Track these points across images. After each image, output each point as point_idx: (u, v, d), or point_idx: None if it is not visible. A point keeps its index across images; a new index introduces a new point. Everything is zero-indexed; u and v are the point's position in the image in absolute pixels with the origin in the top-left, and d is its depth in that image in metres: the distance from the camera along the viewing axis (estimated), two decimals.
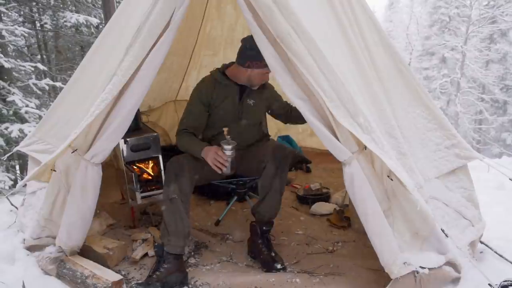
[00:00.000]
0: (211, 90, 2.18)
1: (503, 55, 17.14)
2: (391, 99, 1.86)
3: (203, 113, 2.19)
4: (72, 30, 8.70)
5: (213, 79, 2.21)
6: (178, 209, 1.92)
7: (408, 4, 23.96)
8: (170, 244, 1.90)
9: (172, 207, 1.92)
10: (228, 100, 2.18)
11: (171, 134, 4.08)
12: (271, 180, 2.03)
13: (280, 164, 2.03)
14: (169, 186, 1.94)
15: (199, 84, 2.25)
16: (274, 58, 1.66)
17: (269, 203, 2.08)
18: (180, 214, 1.92)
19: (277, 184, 2.04)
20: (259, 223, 2.13)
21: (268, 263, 2.01)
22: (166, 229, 1.92)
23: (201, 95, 2.18)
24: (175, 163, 2.00)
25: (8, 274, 1.90)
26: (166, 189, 1.95)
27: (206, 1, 3.51)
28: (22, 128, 5.61)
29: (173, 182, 1.93)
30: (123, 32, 1.88)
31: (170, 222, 1.91)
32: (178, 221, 1.91)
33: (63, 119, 2.23)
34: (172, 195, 1.91)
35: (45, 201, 1.96)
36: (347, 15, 1.83)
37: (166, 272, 1.85)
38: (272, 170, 2.02)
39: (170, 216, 1.92)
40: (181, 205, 1.92)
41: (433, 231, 1.66)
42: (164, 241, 1.92)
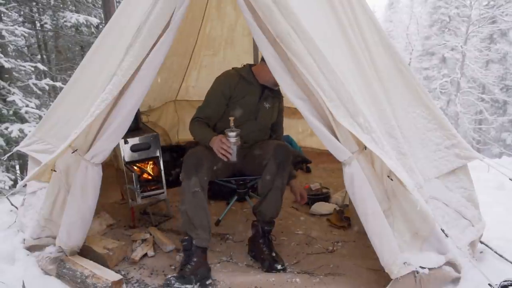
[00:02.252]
0: (235, 83, 2.21)
1: (503, 55, 17.14)
2: (391, 99, 1.86)
3: (222, 105, 2.22)
4: (72, 30, 8.69)
5: (238, 74, 2.25)
6: (202, 202, 1.94)
7: (408, 4, 23.97)
8: (199, 237, 1.93)
9: (196, 201, 1.93)
10: (249, 97, 2.22)
11: (171, 134, 4.09)
12: (273, 178, 2.03)
13: (281, 162, 2.03)
14: (190, 179, 1.93)
15: (223, 75, 2.27)
16: (273, 58, 1.66)
17: (270, 202, 2.07)
18: (204, 207, 1.95)
19: (278, 182, 2.04)
20: (260, 223, 2.13)
21: (268, 263, 2.01)
22: (191, 223, 1.93)
23: (224, 86, 2.21)
24: (193, 156, 2.00)
25: (8, 274, 1.90)
26: (187, 183, 1.94)
27: (206, 1, 3.52)
28: (22, 128, 5.61)
29: (193, 175, 1.93)
30: (123, 32, 1.88)
31: (196, 215, 1.92)
32: (203, 214, 1.94)
33: (63, 119, 2.23)
34: (194, 189, 1.92)
35: (45, 201, 1.96)
36: (347, 15, 1.83)
37: (196, 265, 1.89)
38: (273, 168, 2.03)
39: (195, 210, 1.93)
40: (204, 198, 1.95)
41: (433, 231, 1.66)
42: (192, 235, 1.94)
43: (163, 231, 2.46)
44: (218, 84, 2.24)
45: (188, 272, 1.86)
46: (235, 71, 2.28)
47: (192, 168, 1.95)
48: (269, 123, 2.35)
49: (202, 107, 2.26)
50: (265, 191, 2.07)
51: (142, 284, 1.92)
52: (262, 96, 2.26)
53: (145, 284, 1.91)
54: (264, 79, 2.22)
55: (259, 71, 2.23)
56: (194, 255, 1.92)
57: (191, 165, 1.97)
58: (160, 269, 2.04)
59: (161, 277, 1.97)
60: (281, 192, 2.08)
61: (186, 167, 1.98)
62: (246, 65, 2.32)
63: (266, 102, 2.28)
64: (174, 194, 3.08)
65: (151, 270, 2.04)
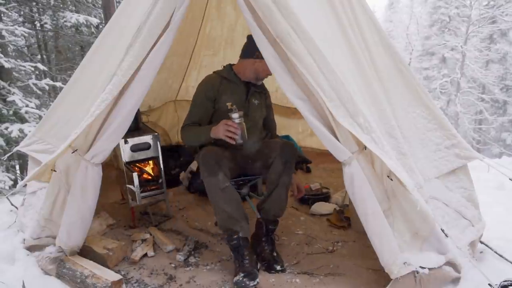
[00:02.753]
0: (217, 85, 2.22)
1: (503, 55, 17.13)
2: (391, 99, 1.86)
3: (209, 108, 2.23)
4: (72, 30, 8.69)
5: (219, 76, 2.26)
6: (234, 195, 1.97)
7: (408, 4, 23.96)
8: (243, 229, 1.95)
9: (229, 195, 1.94)
10: (235, 97, 2.21)
11: (171, 134, 4.09)
12: (279, 175, 2.03)
13: (287, 160, 2.04)
14: (216, 176, 1.91)
15: (204, 79, 2.29)
16: (273, 58, 1.66)
17: (275, 199, 2.07)
18: (237, 199, 1.97)
19: (285, 180, 2.04)
20: (265, 221, 2.13)
21: (268, 263, 2.01)
22: (232, 217, 1.93)
23: (207, 89, 2.22)
24: (211, 153, 1.98)
25: (8, 274, 1.91)
26: (215, 180, 1.92)
27: (206, 1, 3.52)
28: (22, 128, 5.62)
29: (219, 171, 1.92)
30: (123, 32, 1.88)
31: (234, 209, 1.94)
32: (239, 207, 1.97)
33: (63, 119, 2.23)
34: (223, 185, 1.92)
35: (45, 201, 1.96)
36: (347, 15, 1.83)
37: (251, 256, 1.96)
38: (279, 165, 2.03)
39: (232, 204, 1.94)
40: (234, 191, 1.98)
41: (433, 231, 1.66)
42: (236, 228, 1.94)
43: (163, 231, 2.46)
44: (200, 89, 2.24)
45: (249, 267, 1.88)
46: (215, 74, 2.30)
47: (215, 165, 1.93)
48: (260, 118, 2.35)
49: (189, 114, 2.25)
50: (271, 188, 2.08)
51: (142, 284, 1.92)
52: (248, 93, 2.26)
53: (145, 284, 1.91)
54: (245, 75, 2.24)
55: (239, 68, 2.26)
56: (245, 249, 1.94)
57: (213, 162, 1.94)
58: (160, 269, 2.04)
59: (161, 277, 1.97)
60: (286, 190, 2.08)
61: (207, 165, 1.93)
62: (227, 66, 2.33)
63: (254, 99, 2.29)
64: (174, 194, 3.09)
65: (151, 270, 2.04)
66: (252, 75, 2.22)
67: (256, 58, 2.15)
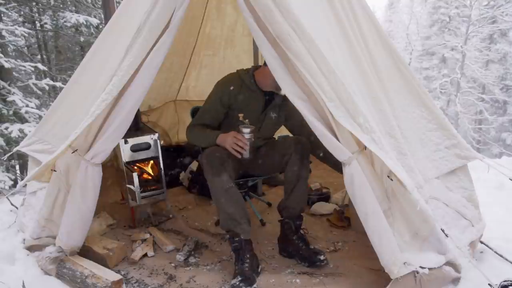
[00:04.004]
0: (236, 92, 2.10)
1: (503, 55, 17.12)
2: (391, 99, 1.86)
3: (220, 113, 2.15)
4: (72, 30, 8.70)
5: (241, 80, 2.13)
6: (238, 196, 1.93)
7: (408, 4, 23.98)
8: (244, 231, 1.93)
9: (233, 196, 1.90)
10: (252, 108, 2.13)
11: (171, 134, 4.09)
12: (298, 170, 2.04)
13: (303, 154, 2.06)
14: (220, 176, 1.88)
15: (223, 81, 2.16)
16: (274, 58, 1.66)
17: (298, 194, 2.08)
18: (241, 201, 1.95)
19: (303, 174, 2.06)
20: (291, 219, 2.11)
21: (310, 258, 2.00)
22: (233, 219, 1.91)
23: (223, 94, 2.11)
24: (216, 154, 1.95)
25: (8, 274, 1.91)
26: (219, 181, 1.88)
27: (206, 1, 3.52)
28: (22, 128, 5.62)
29: (223, 172, 1.90)
30: (123, 32, 1.88)
31: (236, 210, 1.90)
32: (242, 208, 1.93)
33: (63, 119, 2.23)
34: (227, 185, 1.89)
35: (45, 201, 1.96)
36: (347, 15, 1.83)
37: (251, 260, 1.92)
38: (296, 161, 2.04)
39: (234, 205, 1.90)
40: (237, 192, 1.94)
41: (433, 231, 1.65)
42: (237, 230, 1.92)
43: (163, 231, 2.46)
44: (217, 91, 2.14)
45: (248, 272, 1.86)
46: (238, 75, 2.15)
47: (220, 165, 1.90)
48: (272, 134, 2.33)
49: (200, 114, 2.18)
50: (291, 185, 2.07)
51: (142, 284, 1.92)
52: (268, 105, 2.16)
53: (144, 284, 1.91)
54: (266, 84, 2.09)
55: (260, 77, 2.10)
56: (246, 251, 1.93)
57: (217, 162, 1.91)
58: (160, 269, 2.04)
59: (161, 277, 1.97)
60: (306, 184, 2.10)
61: (212, 165, 1.91)
62: (251, 69, 2.18)
63: (272, 112, 2.20)
64: (174, 194, 3.08)
65: (151, 270, 2.04)
66: (273, 83, 1.93)
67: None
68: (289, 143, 2.11)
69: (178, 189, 3.22)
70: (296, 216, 2.13)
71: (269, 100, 2.18)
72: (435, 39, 18.67)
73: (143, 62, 1.73)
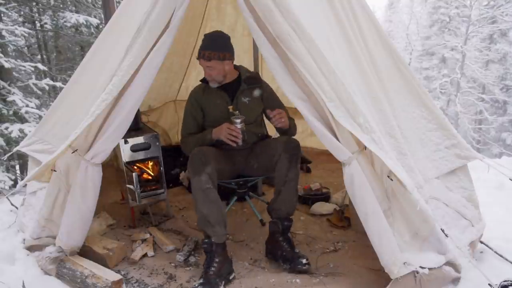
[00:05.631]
0: (200, 94, 2.27)
1: (503, 55, 17.12)
2: (391, 99, 1.86)
3: (199, 117, 2.29)
4: (72, 30, 8.70)
5: (202, 83, 2.29)
6: (215, 198, 1.92)
7: (408, 4, 24.00)
8: (216, 234, 1.91)
9: (209, 198, 1.90)
10: (219, 102, 2.22)
11: (171, 134, 4.09)
12: (286, 172, 2.01)
13: (292, 155, 2.02)
14: (200, 176, 1.91)
15: (191, 92, 2.34)
16: (274, 58, 1.66)
17: (285, 197, 2.05)
18: (217, 203, 1.93)
19: (292, 176, 2.02)
20: (279, 220, 2.09)
21: (293, 260, 1.96)
22: (207, 220, 1.90)
23: (191, 98, 2.30)
24: (199, 153, 1.98)
25: (8, 274, 1.91)
26: (197, 180, 1.91)
27: (206, 1, 3.52)
28: (22, 128, 5.61)
29: (203, 172, 1.91)
30: (123, 32, 1.88)
31: (211, 212, 1.90)
32: (217, 210, 1.92)
33: (63, 119, 2.23)
34: (205, 186, 1.89)
35: (45, 201, 1.96)
36: (347, 15, 1.83)
37: (220, 265, 1.87)
38: (285, 162, 2.01)
39: (209, 207, 1.90)
40: (216, 193, 1.94)
41: (433, 231, 1.66)
42: (209, 232, 1.91)
43: (163, 231, 2.46)
44: (188, 99, 2.32)
45: (213, 275, 1.82)
46: (200, 82, 2.31)
47: (200, 165, 1.92)
48: (252, 117, 2.25)
49: (184, 127, 2.32)
50: (279, 187, 2.06)
51: (142, 284, 1.92)
52: (236, 93, 2.21)
53: (144, 284, 1.91)
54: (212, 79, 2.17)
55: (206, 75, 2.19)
56: (216, 255, 1.90)
57: (198, 162, 1.94)
58: (160, 269, 2.04)
59: (161, 277, 1.97)
60: (295, 187, 2.06)
61: (193, 165, 1.94)
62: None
63: (244, 97, 2.23)
64: (174, 194, 3.08)
65: (151, 270, 2.04)
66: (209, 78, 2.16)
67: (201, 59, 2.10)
68: (278, 143, 2.09)
69: (178, 189, 3.22)
70: (283, 218, 2.09)
71: (234, 89, 2.23)
72: (435, 39, 18.67)
73: (143, 62, 1.74)
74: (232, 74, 2.23)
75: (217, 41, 2.10)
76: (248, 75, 2.26)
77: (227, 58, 2.10)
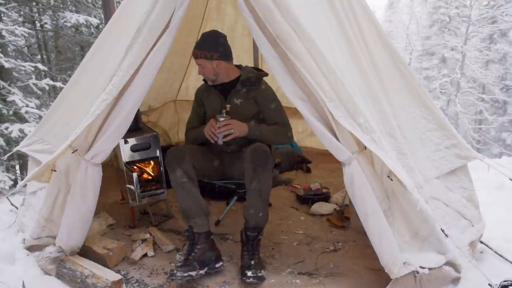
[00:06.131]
0: (203, 91, 2.35)
1: (503, 55, 17.12)
2: (391, 99, 1.86)
3: (201, 113, 2.36)
4: (72, 30, 8.70)
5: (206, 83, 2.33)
6: (192, 191, 1.99)
7: (408, 4, 23.99)
8: (197, 225, 1.98)
9: (186, 191, 1.98)
10: (214, 101, 2.28)
11: (171, 134, 4.09)
12: (250, 181, 1.94)
13: (257, 165, 1.93)
14: (175, 172, 1.99)
15: (199, 86, 2.40)
16: (274, 58, 1.66)
17: (249, 207, 1.98)
18: (194, 195, 1.99)
19: (255, 186, 1.93)
20: (245, 228, 2.02)
21: (242, 270, 1.90)
22: (187, 213, 1.99)
23: (196, 96, 2.38)
24: (174, 150, 2.07)
25: (8, 274, 1.91)
26: (174, 176, 2.00)
27: (206, 1, 3.52)
28: (22, 128, 5.62)
29: (178, 168, 1.99)
30: (123, 32, 1.88)
31: (188, 205, 1.98)
32: (195, 203, 1.98)
33: (63, 119, 2.23)
34: (181, 180, 1.98)
35: (45, 201, 1.96)
36: (347, 15, 1.83)
37: (201, 251, 1.93)
38: (250, 171, 1.94)
39: (187, 200, 1.98)
40: (193, 187, 2.00)
41: (433, 231, 1.66)
42: (190, 224, 1.99)
43: (163, 231, 2.46)
44: (194, 95, 2.41)
45: (191, 260, 1.88)
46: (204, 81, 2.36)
47: (174, 161, 2.01)
48: (244, 118, 2.19)
49: (188, 121, 2.42)
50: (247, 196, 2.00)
51: (142, 284, 1.92)
52: (229, 95, 2.21)
53: (144, 284, 1.91)
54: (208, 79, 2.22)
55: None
56: (198, 242, 1.96)
57: (172, 158, 2.02)
58: (160, 269, 2.04)
59: (161, 277, 1.97)
60: (261, 196, 1.95)
61: (168, 162, 2.04)
62: None
63: (236, 99, 2.20)
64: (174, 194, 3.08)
65: (151, 270, 2.04)
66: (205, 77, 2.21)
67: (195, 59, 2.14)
68: (246, 151, 2.01)
69: None
70: (250, 228, 1.99)
71: (229, 89, 2.24)
72: (435, 39, 18.67)
73: (143, 62, 1.74)
74: (231, 74, 2.22)
75: (206, 40, 2.11)
76: (248, 77, 2.21)
77: (215, 58, 2.10)
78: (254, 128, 2.17)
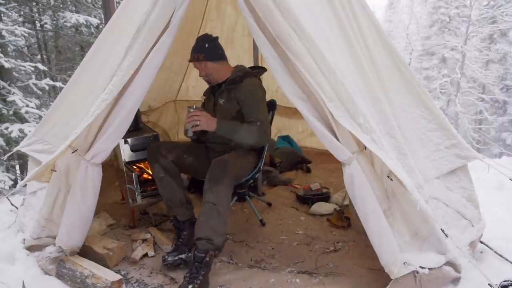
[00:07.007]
0: (205, 92, 2.44)
1: (503, 55, 17.12)
2: (391, 99, 1.86)
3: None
4: (72, 30, 8.70)
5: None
6: (170, 184, 2.12)
7: (408, 4, 24.00)
8: (179, 214, 2.16)
9: (164, 184, 2.13)
10: (208, 99, 2.38)
11: (171, 134, 4.09)
12: (205, 192, 1.87)
13: (211, 177, 1.88)
14: (154, 168, 2.14)
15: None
16: (274, 58, 1.66)
17: (200, 218, 1.85)
18: (172, 187, 2.12)
19: (209, 198, 1.83)
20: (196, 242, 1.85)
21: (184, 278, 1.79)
22: (168, 204, 2.17)
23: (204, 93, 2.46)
24: (151, 148, 2.21)
25: (8, 274, 1.91)
26: (153, 171, 2.16)
27: (206, 1, 3.52)
28: (22, 128, 5.62)
29: (155, 164, 2.13)
30: (123, 32, 1.88)
31: (168, 197, 2.14)
32: (173, 194, 2.13)
33: (63, 119, 2.23)
34: (159, 175, 2.12)
35: (45, 201, 1.96)
36: (347, 15, 1.83)
37: (187, 236, 2.10)
38: (206, 183, 1.89)
39: (165, 193, 2.14)
40: (171, 180, 2.12)
41: (433, 231, 1.66)
42: (173, 213, 2.17)
43: (163, 231, 2.46)
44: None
45: (179, 245, 2.04)
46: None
47: (153, 159, 2.15)
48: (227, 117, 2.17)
49: None
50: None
51: (142, 284, 1.92)
52: (215, 95, 2.28)
53: (144, 284, 1.91)
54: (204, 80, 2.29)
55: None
56: (184, 228, 2.13)
57: (151, 157, 2.16)
58: (160, 269, 2.04)
59: (161, 276, 1.97)
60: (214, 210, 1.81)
61: (148, 159, 2.19)
62: None
63: (220, 98, 2.23)
64: None
65: (151, 270, 2.04)
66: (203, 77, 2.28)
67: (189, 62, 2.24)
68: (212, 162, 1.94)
69: None
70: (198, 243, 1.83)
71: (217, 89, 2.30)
72: (435, 39, 18.67)
73: (143, 62, 1.74)
74: (224, 74, 2.24)
75: (195, 44, 2.20)
76: (235, 76, 2.18)
77: (201, 59, 2.17)
78: (223, 124, 2.06)
